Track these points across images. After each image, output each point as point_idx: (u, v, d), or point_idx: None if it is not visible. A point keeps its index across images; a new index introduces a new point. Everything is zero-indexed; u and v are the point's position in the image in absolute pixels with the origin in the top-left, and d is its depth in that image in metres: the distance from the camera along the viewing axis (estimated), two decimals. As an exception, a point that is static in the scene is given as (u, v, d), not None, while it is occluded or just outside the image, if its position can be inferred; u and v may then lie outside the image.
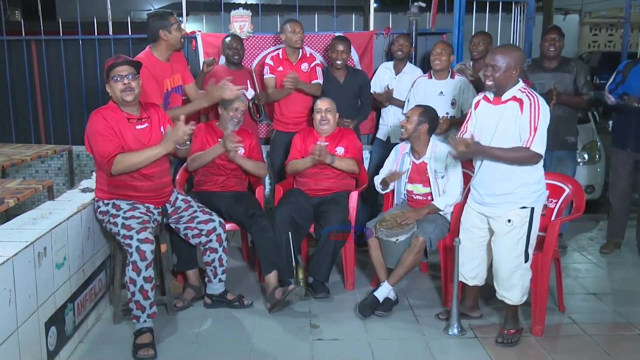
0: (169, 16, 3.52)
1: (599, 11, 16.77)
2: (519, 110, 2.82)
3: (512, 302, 3.03)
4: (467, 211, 3.16)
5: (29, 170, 5.41)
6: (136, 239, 2.93)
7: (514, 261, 2.95)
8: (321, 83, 4.33)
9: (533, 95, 2.84)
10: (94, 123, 3.00)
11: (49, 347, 2.67)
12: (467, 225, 3.15)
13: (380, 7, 10.18)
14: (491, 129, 2.91)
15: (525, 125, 2.80)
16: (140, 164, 3.02)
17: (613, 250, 4.47)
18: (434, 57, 4.15)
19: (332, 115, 3.92)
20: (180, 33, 3.52)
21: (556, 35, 4.21)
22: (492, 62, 2.83)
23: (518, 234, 2.92)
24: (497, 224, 2.97)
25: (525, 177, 2.90)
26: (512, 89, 2.87)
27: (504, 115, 2.87)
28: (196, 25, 7.35)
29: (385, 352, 3.00)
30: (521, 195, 2.91)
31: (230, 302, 3.47)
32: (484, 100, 3.01)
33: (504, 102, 2.88)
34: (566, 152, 4.36)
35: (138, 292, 2.96)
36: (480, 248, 3.14)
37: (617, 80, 4.25)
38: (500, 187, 2.93)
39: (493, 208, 2.97)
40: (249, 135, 4.01)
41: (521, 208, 2.91)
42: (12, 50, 5.34)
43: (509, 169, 2.88)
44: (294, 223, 3.65)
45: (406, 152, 3.70)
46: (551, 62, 4.25)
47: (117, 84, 3.00)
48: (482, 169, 2.99)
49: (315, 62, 4.38)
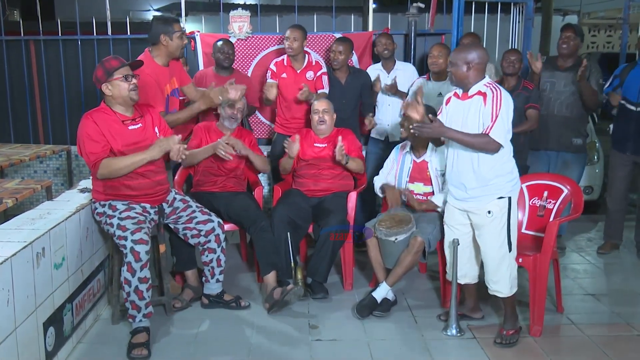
0: (174, 23, 3.48)
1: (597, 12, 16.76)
2: (482, 102, 2.91)
3: (502, 295, 3.05)
4: (449, 209, 3.21)
5: (28, 170, 5.41)
6: (130, 240, 2.93)
7: (498, 251, 3.00)
8: (327, 92, 4.28)
9: (496, 88, 2.93)
10: (84, 126, 3.00)
11: (47, 348, 2.67)
12: (450, 223, 3.20)
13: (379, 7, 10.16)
14: (459, 122, 3.00)
15: (487, 115, 2.88)
16: (126, 168, 3.01)
17: (610, 251, 4.47)
18: (431, 60, 4.16)
19: (329, 116, 3.92)
20: (181, 42, 3.48)
21: (571, 34, 4.17)
22: (451, 60, 3.00)
23: (499, 224, 2.98)
24: (478, 216, 3.02)
25: (499, 168, 2.96)
26: (477, 84, 2.96)
27: (470, 109, 2.96)
28: (195, 25, 7.36)
29: (384, 353, 3.00)
30: (497, 186, 2.97)
31: (227, 303, 3.47)
32: (454, 96, 3.11)
33: (470, 96, 2.97)
34: (572, 155, 4.30)
35: (133, 293, 2.96)
36: (467, 245, 3.17)
37: (614, 84, 4.25)
38: (475, 181, 2.98)
39: (472, 202, 3.03)
40: (249, 133, 4.03)
41: (499, 198, 2.97)
42: (10, 50, 5.34)
43: (482, 162, 2.95)
44: (292, 223, 3.65)
45: (407, 151, 3.70)
46: (565, 61, 4.23)
47: (126, 83, 3.00)
48: (456, 165, 3.06)
49: (322, 70, 4.32)
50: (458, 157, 3.04)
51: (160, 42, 3.44)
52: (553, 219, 3.37)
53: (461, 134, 2.94)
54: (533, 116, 4.05)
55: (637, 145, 4.18)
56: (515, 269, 3.07)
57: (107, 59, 3.05)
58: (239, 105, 3.82)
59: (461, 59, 2.93)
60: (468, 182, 3.01)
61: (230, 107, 3.81)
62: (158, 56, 3.47)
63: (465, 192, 3.03)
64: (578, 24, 4.53)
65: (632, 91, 4.12)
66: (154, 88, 3.36)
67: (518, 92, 4.02)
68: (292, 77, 4.28)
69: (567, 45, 4.18)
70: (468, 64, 2.92)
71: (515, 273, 3.07)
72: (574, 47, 4.19)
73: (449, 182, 3.14)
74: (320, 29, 5.29)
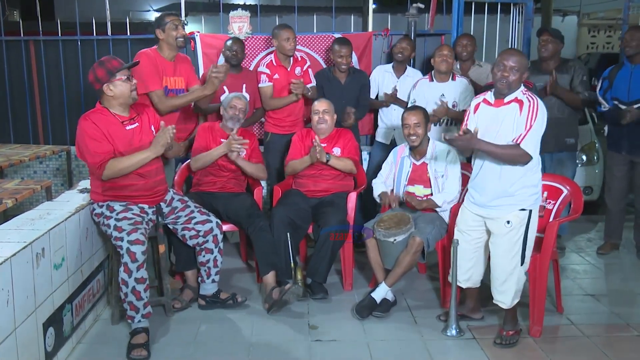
0: (166, 16, 3.62)
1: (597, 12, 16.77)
2: (518, 110, 2.84)
3: (505, 306, 3.04)
4: (463, 213, 3.16)
5: (27, 170, 5.41)
6: (127, 241, 2.93)
7: (510, 263, 2.96)
8: (315, 85, 4.36)
9: (533, 97, 2.86)
10: (85, 128, 3.00)
11: (47, 348, 2.67)
12: (462, 228, 3.16)
13: (379, 8, 10.16)
14: (493, 130, 2.91)
15: (522, 124, 2.82)
16: (131, 167, 3.04)
17: (610, 251, 4.48)
18: (440, 58, 4.13)
19: (329, 116, 3.92)
20: (173, 32, 3.58)
21: (547, 37, 4.19)
22: (511, 64, 2.83)
23: (516, 235, 2.93)
24: (496, 225, 2.98)
25: (526, 180, 2.91)
26: (516, 91, 2.89)
27: (505, 116, 2.88)
28: (195, 25, 7.36)
29: (384, 353, 3.00)
30: (521, 198, 2.92)
31: (224, 301, 3.46)
32: (483, 103, 3.01)
33: (506, 103, 2.89)
34: (566, 154, 4.35)
35: (131, 293, 2.96)
36: (476, 250, 3.14)
37: (604, 86, 4.26)
38: (501, 190, 2.93)
39: (492, 210, 2.98)
40: (252, 136, 4.03)
41: (520, 210, 2.92)
42: (10, 50, 5.34)
43: (510, 172, 2.90)
44: (292, 224, 3.65)
45: (405, 155, 3.70)
46: (549, 64, 4.25)
47: (128, 84, 3.04)
48: (483, 171, 3.00)
49: (307, 64, 4.41)
50: (485, 164, 2.98)
51: (158, 38, 3.62)
52: (553, 219, 3.37)
53: (493, 146, 2.86)
54: None
55: (632, 145, 4.19)
56: (522, 282, 3.03)
57: (107, 59, 3.06)
58: (236, 103, 3.82)
59: (523, 65, 2.83)
60: (492, 191, 2.95)
61: (232, 107, 3.81)
62: (161, 50, 3.64)
63: (487, 199, 2.98)
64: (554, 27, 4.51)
65: (622, 91, 4.14)
66: (148, 67, 3.44)
67: None
68: (284, 75, 4.29)
69: (546, 49, 4.20)
70: (522, 71, 2.83)
71: (522, 286, 3.03)
72: (553, 49, 4.20)
73: (472, 186, 3.09)
74: (319, 29, 5.28)
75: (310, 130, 4.05)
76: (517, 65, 2.82)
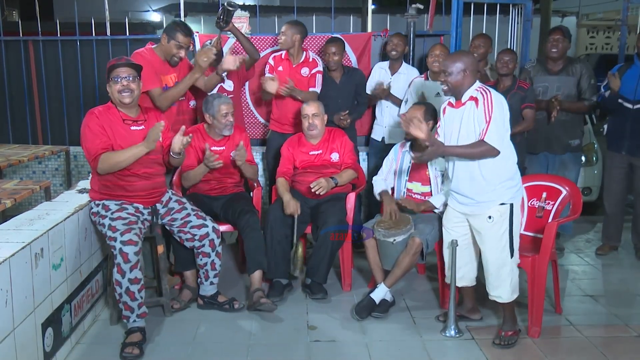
0: (179, 33, 3.51)
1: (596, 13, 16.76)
2: (474, 107, 2.90)
3: (502, 300, 3.05)
4: (448, 211, 3.21)
5: (26, 170, 5.40)
6: (120, 241, 2.93)
7: (499, 256, 2.99)
8: (318, 92, 4.22)
9: (486, 90, 2.92)
10: (87, 121, 3.04)
11: (46, 348, 2.67)
12: (447, 225, 3.20)
13: (378, 8, 10.17)
14: (455, 130, 3.00)
15: (481, 119, 2.87)
16: (125, 161, 3.02)
17: (609, 252, 4.48)
18: (432, 59, 4.15)
19: (319, 120, 3.85)
20: (174, 50, 3.54)
21: (560, 36, 4.18)
22: (444, 69, 2.98)
23: (500, 229, 2.97)
24: (478, 221, 3.02)
25: (500, 173, 2.95)
26: (469, 90, 2.95)
27: (464, 115, 2.95)
28: (194, 26, 7.33)
29: (383, 354, 3.00)
30: (499, 192, 2.96)
31: (221, 305, 3.46)
32: (448, 105, 3.09)
33: (464, 103, 2.96)
34: (570, 155, 4.34)
35: (125, 294, 2.97)
36: (465, 247, 3.16)
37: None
38: (477, 188, 2.98)
39: (473, 207, 3.03)
40: (242, 130, 3.95)
41: (500, 204, 2.96)
42: (9, 50, 5.34)
43: (481, 168, 2.94)
44: (287, 222, 3.65)
45: (406, 149, 3.69)
46: (555, 64, 4.24)
47: (116, 84, 3.03)
48: (456, 173, 3.05)
49: (317, 68, 4.28)
50: (457, 166, 3.03)
51: (160, 39, 3.63)
52: (552, 220, 3.38)
53: (460, 148, 2.93)
54: (530, 116, 4.05)
55: (633, 145, 4.18)
56: (516, 275, 3.05)
57: (115, 60, 3.11)
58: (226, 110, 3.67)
59: (453, 66, 2.91)
60: (468, 190, 3.01)
61: (223, 116, 3.68)
62: (157, 49, 3.62)
63: (466, 197, 3.02)
64: (565, 26, 4.51)
65: (629, 89, 4.13)
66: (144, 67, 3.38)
67: (513, 92, 4.01)
68: (287, 70, 4.28)
69: (557, 49, 4.18)
70: (464, 71, 2.91)
71: (517, 279, 3.05)
72: (562, 49, 4.20)
73: (451, 189, 3.14)
74: (319, 29, 5.28)
75: (301, 135, 3.97)
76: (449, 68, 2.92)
